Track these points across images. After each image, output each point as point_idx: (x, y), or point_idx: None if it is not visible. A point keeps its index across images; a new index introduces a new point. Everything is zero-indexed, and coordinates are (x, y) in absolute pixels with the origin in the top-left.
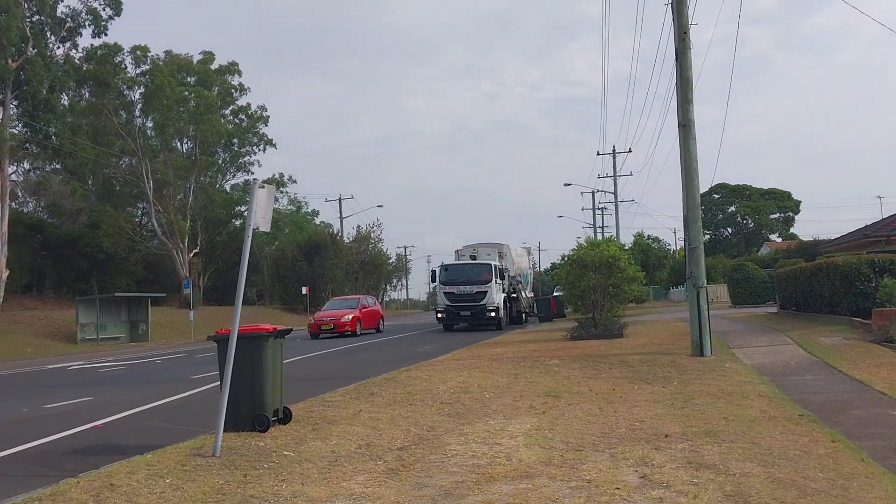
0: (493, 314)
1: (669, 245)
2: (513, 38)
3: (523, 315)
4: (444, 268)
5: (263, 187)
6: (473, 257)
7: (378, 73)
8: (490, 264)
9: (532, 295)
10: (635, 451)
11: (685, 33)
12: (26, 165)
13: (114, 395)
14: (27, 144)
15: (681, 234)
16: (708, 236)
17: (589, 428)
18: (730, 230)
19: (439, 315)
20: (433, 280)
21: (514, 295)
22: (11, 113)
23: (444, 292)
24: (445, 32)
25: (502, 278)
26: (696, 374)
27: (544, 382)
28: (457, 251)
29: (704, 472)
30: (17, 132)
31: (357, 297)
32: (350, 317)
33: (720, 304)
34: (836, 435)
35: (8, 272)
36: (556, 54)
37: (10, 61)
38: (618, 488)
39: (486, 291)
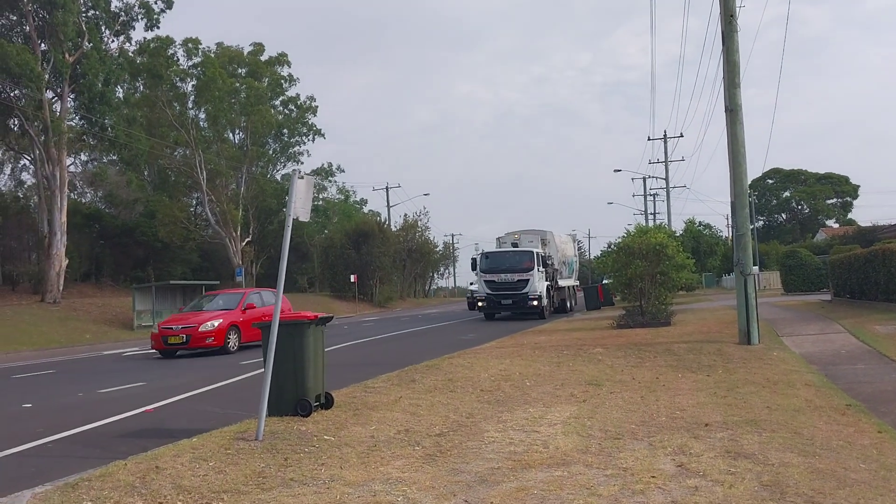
0: (535, 303)
1: (721, 231)
2: (563, 21)
3: (568, 304)
4: (485, 255)
5: (303, 178)
6: (515, 245)
7: (426, 60)
8: (532, 252)
9: (577, 283)
10: (674, 440)
11: (731, 16)
12: (84, 157)
13: (165, 380)
14: (84, 136)
15: (731, 220)
16: (761, 222)
17: (629, 416)
18: (784, 216)
19: (480, 304)
20: (473, 268)
21: (559, 283)
22: (69, 106)
23: (485, 280)
24: (494, 17)
25: (545, 266)
26: (742, 363)
27: (587, 371)
28: (498, 238)
29: (742, 461)
30: (74, 124)
31: (243, 291)
32: (215, 324)
33: (773, 292)
34: (883, 426)
35: (67, 261)
36: (607, 37)
37: (66, 55)
38: (653, 476)
39: (528, 280)
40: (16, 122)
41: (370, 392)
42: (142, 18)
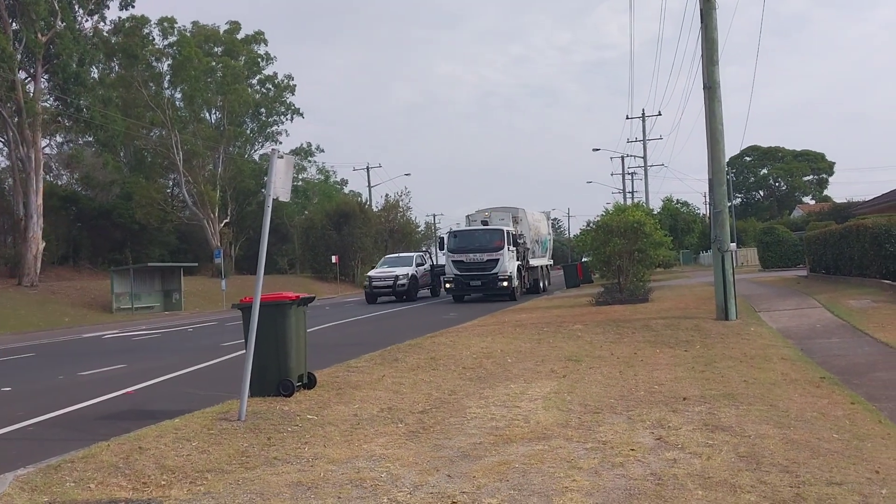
0: (505, 284)
1: (699, 209)
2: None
3: (541, 284)
4: (453, 234)
5: (282, 157)
6: (485, 223)
7: (408, 38)
8: (502, 230)
9: (552, 262)
10: (652, 414)
11: None
12: (59, 139)
13: (146, 362)
14: (59, 118)
15: (708, 198)
16: (739, 199)
17: (608, 391)
18: (762, 193)
19: (447, 286)
20: (441, 248)
21: (531, 263)
22: (43, 87)
23: (453, 261)
24: None
25: (516, 245)
26: (720, 338)
27: (567, 347)
28: (468, 216)
29: (720, 433)
30: (48, 106)
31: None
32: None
33: (750, 268)
34: (855, 397)
35: (44, 244)
36: (587, 16)
37: (39, 35)
38: (632, 449)
39: (498, 259)
40: None
41: (353, 371)
42: None
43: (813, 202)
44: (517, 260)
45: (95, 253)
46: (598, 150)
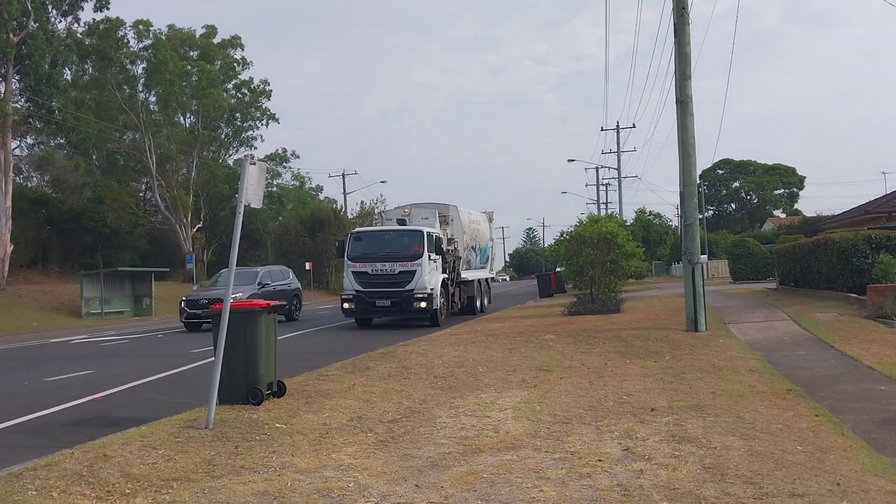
0: (423, 304)
1: (671, 221)
2: (520, 10)
3: (478, 303)
4: (355, 237)
5: (255, 164)
6: (402, 221)
7: (384, 45)
8: (421, 232)
9: (494, 275)
10: (620, 425)
11: (683, 9)
12: (30, 140)
13: (115, 368)
14: (30, 119)
15: (680, 210)
16: (711, 212)
17: (577, 401)
18: (733, 206)
19: (346, 306)
20: (340, 254)
21: (464, 276)
22: (14, 87)
23: (354, 272)
24: (453, 3)
25: (442, 253)
26: (689, 350)
27: (538, 357)
28: (381, 212)
29: (686, 445)
30: (19, 107)
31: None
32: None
33: (721, 280)
34: (820, 409)
35: (12, 247)
36: (563, 27)
37: (11, 35)
38: (600, 460)
39: (415, 271)
40: None
41: (324, 380)
42: None
43: (784, 215)
44: (443, 272)
45: (65, 257)
46: (573, 160)
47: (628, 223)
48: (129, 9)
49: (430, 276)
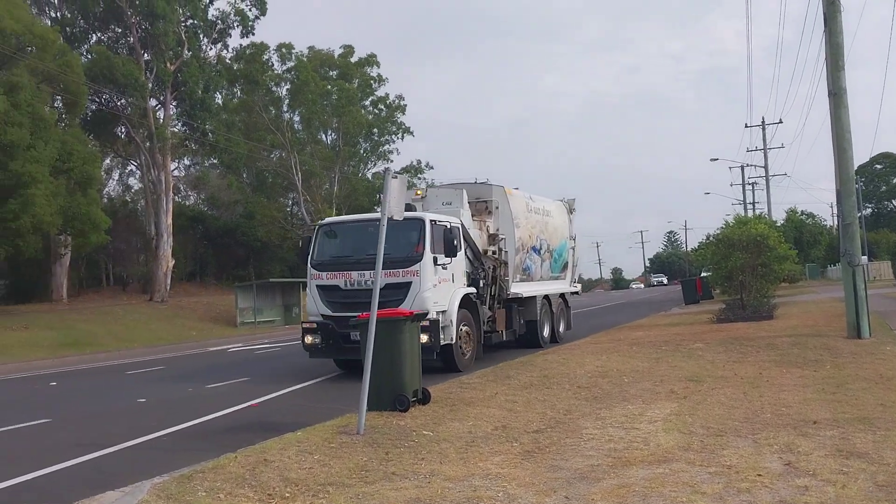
0: (425, 336)
1: (825, 220)
2: (653, 8)
3: (548, 329)
4: (326, 231)
5: (396, 177)
6: (410, 208)
7: (512, 53)
8: (421, 221)
9: (578, 287)
10: (780, 438)
11: None
12: (187, 161)
13: (268, 375)
14: (186, 142)
15: (836, 209)
16: (870, 210)
17: (731, 413)
18: (895, 203)
19: (307, 339)
20: (303, 259)
21: (520, 290)
22: (171, 113)
23: (321, 287)
24: (582, 6)
25: (453, 253)
26: (852, 358)
27: (686, 366)
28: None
29: (855, 460)
30: (177, 131)
31: None
32: None
33: (884, 282)
34: None
35: (173, 261)
36: (699, 23)
37: (168, 64)
38: (759, 475)
39: (409, 283)
40: (122, 130)
41: (465, 388)
42: (237, 26)
43: None
44: (469, 283)
45: (220, 269)
46: (715, 159)
47: (778, 224)
48: (272, 33)
49: (435, 290)
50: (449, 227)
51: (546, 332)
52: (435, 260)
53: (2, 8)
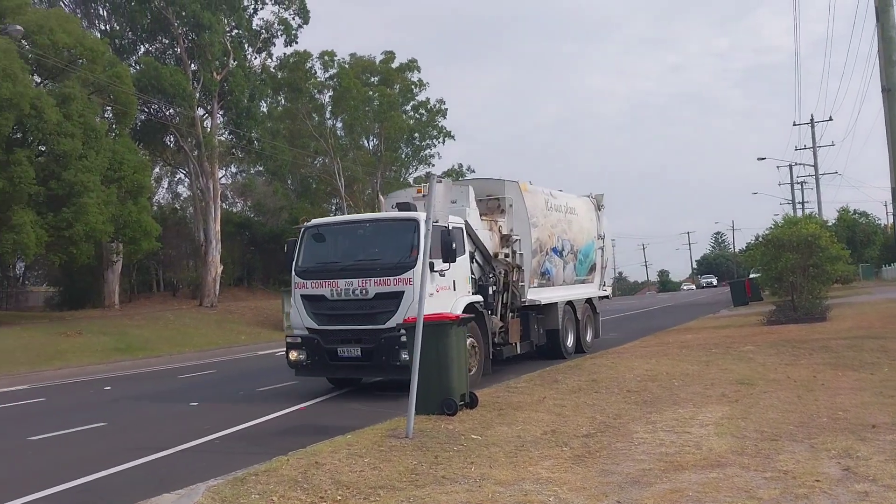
0: (406, 356)
1: (880, 219)
2: (696, 5)
3: (573, 338)
4: (313, 233)
5: (440, 182)
6: (407, 207)
7: (555, 54)
8: (414, 222)
9: (608, 291)
10: (837, 442)
11: None
12: (233, 169)
13: (316, 378)
14: (233, 150)
15: (892, 208)
16: None
17: (785, 417)
18: None
19: (292, 356)
20: (288, 265)
21: (538, 296)
22: (218, 122)
23: (305, 297)
24: (625, 5)
25: (451, 257)
26: None
27: (737, 370)
28: (389, 196)
29: None
30: (224, 139)
31: None
32: None
33: None
34: None
35: (222, 267)
36: (745, 20)
37: (214, 74)
38: (817, 480)
39: (402, 293)
40: (171, 139)
41: (513, 392)
42: (281, 35)
43: None
44: (475, 290)
45: (267, 274)
46: (763, 158)
47: (830, 223)
48: (315, 41)
49: (432, 299)
50: (449, 228)
51: (570, 341)
52: (431, 266)
53: (54, 22)
